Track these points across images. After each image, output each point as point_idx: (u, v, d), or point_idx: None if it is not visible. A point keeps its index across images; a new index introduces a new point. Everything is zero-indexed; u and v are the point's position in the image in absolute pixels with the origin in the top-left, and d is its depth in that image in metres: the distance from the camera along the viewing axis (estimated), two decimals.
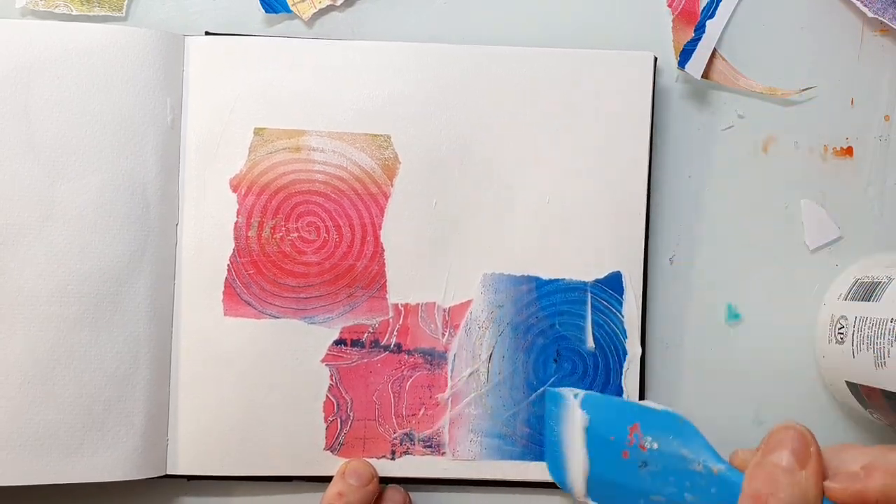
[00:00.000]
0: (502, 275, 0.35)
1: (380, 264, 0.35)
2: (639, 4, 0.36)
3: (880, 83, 0.37)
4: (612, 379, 0.36)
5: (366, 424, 0.35)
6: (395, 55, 0.35)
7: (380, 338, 0.35)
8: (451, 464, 0.35)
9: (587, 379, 0.36)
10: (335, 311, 0.35)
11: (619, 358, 0.36)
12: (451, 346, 0.35)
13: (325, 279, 0.35)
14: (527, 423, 0.35)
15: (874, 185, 0.37)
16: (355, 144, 0.35)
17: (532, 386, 0.35)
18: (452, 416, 0.35)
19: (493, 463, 0.35)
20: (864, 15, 0.36)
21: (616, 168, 0.35)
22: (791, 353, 0.37)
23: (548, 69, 0.35)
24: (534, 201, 0.35)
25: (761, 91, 0.37)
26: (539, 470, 0.35)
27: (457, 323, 0.35)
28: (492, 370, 0.36)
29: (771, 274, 0.37)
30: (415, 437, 0.35)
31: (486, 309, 0.35)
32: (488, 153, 0.35)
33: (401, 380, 0.35)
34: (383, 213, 0.35)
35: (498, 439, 0.35)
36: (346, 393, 0.35)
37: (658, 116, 0.36)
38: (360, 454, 0.35)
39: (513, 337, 0.36)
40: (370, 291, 0.35)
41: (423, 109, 0.35)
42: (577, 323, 0.36)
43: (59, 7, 0.34)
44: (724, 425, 0.37)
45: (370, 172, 0.35)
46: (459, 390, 0.35)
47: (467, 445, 0.35)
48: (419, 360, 0.35)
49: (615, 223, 0.35)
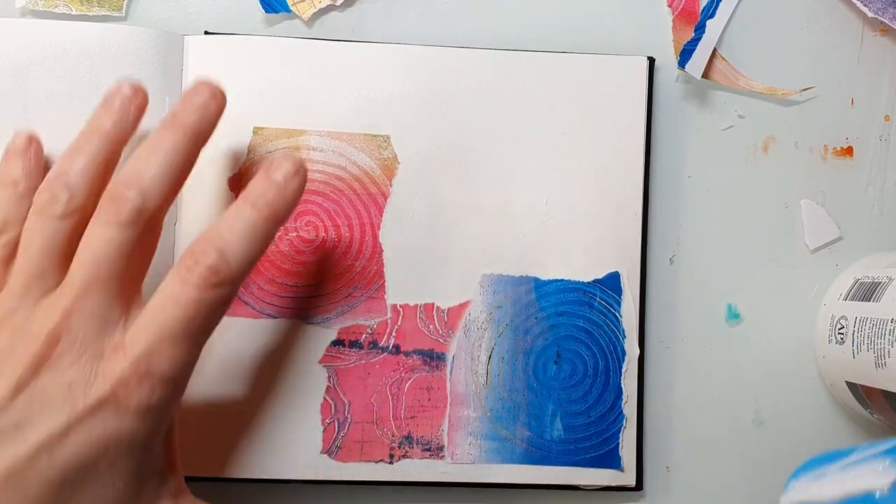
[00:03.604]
0: (501, 276, 0.35)
1: (378, 265, 0.35)
2: (639, 4, 0.37)
3: (880, 83, 0.37)
4: (612, 380, 0.35)
5: (364, 427, 0.35)
6: (394, 56, 0.35)
7: (378, 339, 0.35)
8: (451, 467, 0.35)
9: (587, 380, 0.35)
10: (333, 311, 0.35)
11: (619, 359, 0.35)
12: (450, 348, 0.35)
13: (323, 279, 0.35)
14: (527, 426, 0.35)
15: (874, 185, 0.37)
16: (354, 144, 0.35)
17: (532, 388, 0.35)
18: (451, 418, 0.35)
19: (492, 466, 0.35)
20: (864, 15, 0.37)
21: (613, 169, 0.35)
22: (791, 353, 0.37)
23: (544, 72, 0.35)
24: (532, 202, 0.35)
25: (761, 91, 0.37)
26: (538, 473, 0.35)
27: (455, 324, 0.35)
28: (491, 372, 0.35)
29: (771, 274, 0.37)
30: (413, 440, 0.35)
31: (485, 310, 0.35)
32: (487, 154, 0.35)
33: (399, 382, 0.35)
34: (382, 213, 0.35)
35: (498, 442, 0.35)
36: (344, 395, 0.35)
37: (658, 116, 0.37)
38: (359, 458, 0.35)
39: (512, 338, 0.35)
40: (368, 292, 0.35)
41: (423, 110, 0.35)
42: (577, 323, 0.35)
43: (59, 7, 0.34)
44: (724, 425, 0.37)
45: (369, 172, 0.35)
46: (458, 393, 0.35)
47: (466, 448, 0.35)
48: (418, 362, 0.35)
49: (613, 224, 0.35)
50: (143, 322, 0.27)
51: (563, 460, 0.35)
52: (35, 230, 0.28)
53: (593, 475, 0.35)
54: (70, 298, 0.27)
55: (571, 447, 0.35)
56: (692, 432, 0.37)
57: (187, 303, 0.27)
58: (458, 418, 0.35)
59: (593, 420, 0.35)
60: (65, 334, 0.27)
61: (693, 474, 0.37)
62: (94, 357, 0.27)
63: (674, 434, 0.37)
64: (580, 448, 0.35)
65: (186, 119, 0.29)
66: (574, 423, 0.35)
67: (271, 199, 0.28)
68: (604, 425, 0.35)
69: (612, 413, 0.35)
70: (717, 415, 0.37)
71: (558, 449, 0.35)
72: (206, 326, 0.28)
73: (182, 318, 0.27)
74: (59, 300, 0.27)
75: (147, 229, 0.28)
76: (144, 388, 0.27)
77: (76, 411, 0.26)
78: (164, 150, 0.28)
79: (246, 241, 0.28)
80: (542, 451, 0.35)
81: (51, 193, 0.28)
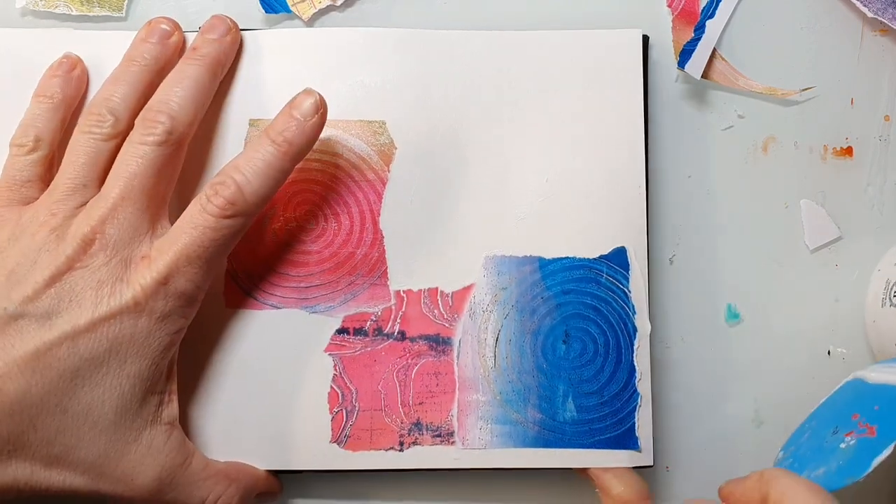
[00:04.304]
0: (504, 256, 0.35)
1: (380, 251, 0.35)
2: (638, 4, 0.36)
3: (880, 83, 0.37)
4: (624, 357, 0.34)
5: (372, 415, 0.34)
6: (386, 41, 0.35)
7: (383, 326, 0.35)
8: (462, 453, 0.34)
9: (598, 359, 0.34)
10: (336, 299, 0.35)
11: (630, 335, 0.35)
12: (456, 332, 0.35)
13: (325, 267, 0.35)
14: (538, 408, 0.34)
15: (874, 185, 0.37)
16: (350, 131, 0.35)
17: (542, 369, 0.34)
18: (460, 403, 0.34)
19: (504, 451, 0.34)
20: (864, 15, 0.36)
21: (613, 144, 0.35)
22: (791, 353, 0.37)
23: (538, 50, 0.35)
24: (532, 181, 0.35)
25: (761, 91, 0.36)
26: (552, 456, 0.34)
27: (460, 308, 0.35)
28: (499, 354, 0.35)
29: (771, 274, 0.37)
30: (423, 426, 0.34)
31: (490, 292, 0.35)
32: (484, 135, 0.35)
33: (406, 368, 0.35)
34: (381, 199, 0.35)
35: (508, 426, 0.34)
36: (351, 383, 0.34)
37: (658, 116, 0.36)
38: (368, 446, 0.34)
39: (519, 319, 0.35)
40: (371, 279, 0.35)
41: (417, 94, 0.35)
42: (585, 301, 0.35)
43: (59, 7, 0.35)
44: (724, 425, 0.37)
45: (367, 159, 0.35)
46: (466, 377, 0.35)
47: (477, 433, 0.34)
48: (424, 348, 0.35)
49: (616, 199, 0.35)
50: (166, 240, 0.30)
51: (578, 442, 0.34)
52: (81, 147, 0.31)
53: (610, 457, 0.34)
54: (106, 208, 0.30)
55: (585, 428, 0.34)
56: (692, 432, 0.37)
57: (204, 229, 0.30)
58: (468, 403, 0.34)
59: (606, 400, 0.34)
60: (99, 238, 0.30)
61: (693, 474, 0.37)
62: (123, 262, 0.30)
63: (674, 434, 0.37)
64: (594, 429, 0.34)
65: (205, 51, 0.33)
66: (587, 404, 0.34)
67: (290, 135, 0.31)
68: (618, 404, 0.34)
69: (626, 391, 0.34)
70: (717, 415, 0.37)
71: (572, 431, 0.34)
72: (220, 251, 0.31)
73: (199, 242, 0.30)
74: (95, 208, 0.30)
75: (174, 151, 0.31)
76: (162, 298, 0.30)
77: (101, 309, 0.29)
78: (188, 79, 0.32)
79: (263, 176, 0.31)
80: (556, 433, 0.34)
81: (97, 116, 0.32)
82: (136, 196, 0.30)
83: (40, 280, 0.29)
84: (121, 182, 0.30)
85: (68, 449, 0.29)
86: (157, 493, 0.30)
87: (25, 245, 0.30)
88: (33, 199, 0.32)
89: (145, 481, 0.30)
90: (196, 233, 0.30)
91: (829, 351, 0.37)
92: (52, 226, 0.30)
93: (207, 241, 0.30)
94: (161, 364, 0.31)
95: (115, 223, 0.30)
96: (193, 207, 0.31)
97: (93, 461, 0.29)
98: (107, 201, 0.30)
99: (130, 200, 0.30)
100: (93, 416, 0.29)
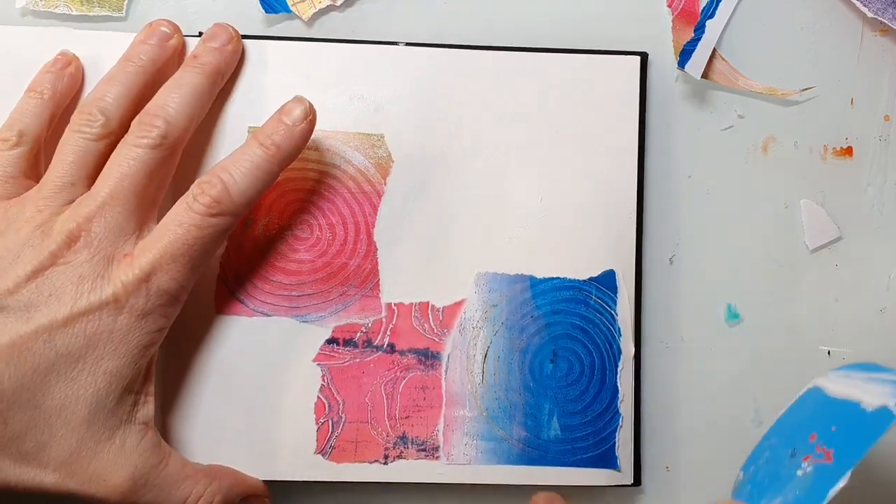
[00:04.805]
0: (496, 274, 0.35)
1: (373, 263, 0.35)
2: (638, 4, 0.37)
3: (880, 83, 0.37)
4: (609, 379, 0.35)
5: (358, 427, 0.34)
6: (388, 57, 0.35)
7: (373, 337, 0.35)
8: (446, 468, 0.34)
9: (584, 379, 0.35)
10: (327, 309, 0.35)
11: (615, 357, 0.35)
12: (446, 347, 0.35)
13: (317, 277, 0.35)
14: (524, 425, 0.35)
15: (874, 185, 0.37)
16: (349, 143, 0.35)
17: (529, 387, 0.35)
18: (447, 418, 0.35)
19: (489, 467, 0.35)
20: (864, 15, 0.37)
21: (607, 168, 0.35)
22: (791, 353, 0.37)
23: (537, 71, 0.35)
24: (526, 200, 0.35)
25: (761, 91, 0.37)
26: (534, 474, 0.34)
27: (451, 323, 0.35)
28: (487, 371, 0.35)
29: (771, 274, 0.37)
30: (408, 440, 0.34)
31: (481, 308, 0.35)
32: (481, 152, 0.35)
33: (394, 381, 0.35)
34: (377, 211, 0.35)
35: (494, 442, 0.35)
36: (338, 394, 0.34)
37: (657, 116, 0.37)
38: (353, 458, 0.34)
39: (508, 337, 0.35)
40: (363, 290, 0.35)
41: (416, 110, 0.35)
42: (573, 322, 0.35)
43: (59, 7, 0.35)
44: (724, 426, 0.37)
45: (364, 171, 0.35)
46: (454, 392, 0.35)
47: (462, 449, 0.35)
48: (413, 361, 0.35)
49: (608, 222, 0.35)
50: (151, 238, 0.30)
51: (560, 460, 0.35)
52: (70, 146, 0.31)
53: (590, 475, 0.35)
54: (94, 206, 0.30)
55: (568, 447, 0.35)
56: (692, 432, 0.37)
57: (189, 227, 0.30)
58: (454, 418, 0.35)
59: (590, 419, 0.35)
60: (84, 235, 0.30)
61: (693, 474, 0.37)
62: (105, 260, 0.30)
63: (674, 434, 0.37)
64: (577, 448, 0.35)
65: (206, 59, 0.33)
66: (571, 423, 0.35)
67: (279, 139, 0.32)
68: (600, 424, 0.35)
69: (609, 412, 0.35)
70: (717, 415, 0.37)
71: (555, 449, 0.35)
72: (205, 250, 0.31)
73: (184, 240, 0.30)
74: (83, 205, 0.30)
75: (167, 156, 0.31)
76: (143, 296, 0.30)
77: (80, 304, 0.29)
78: (186, 86, 0.32)
79: (250, 177, 0.31)
80: (539, 451, 0.35)
81: (88, 116, 0.31)
82: (126, 197, 0.30)
83: (22, 274, 0.29)
84: (111, 182, 0.30)
85: (40, 445, 0.28)
86: (132, 493, 0.30)
87: (10, 240, 0.30)
88: (17, 194, 0.31)
89: (118, 481, 0.30)
90: (181, 230, 0.30)
91: (829, 351, 0.37)
92: (38, 222, 0.30)
93: (192, 240, 0.30)
94: (140, 363, 0.30)
95: (102, 222, 0.30)
96: (179, 206, 0.31)
97: (64, 459, 0.29)
98: (95, 200, 0.30)
99: (119, 200, 0.30)
100: (66, 412, 0.29)
